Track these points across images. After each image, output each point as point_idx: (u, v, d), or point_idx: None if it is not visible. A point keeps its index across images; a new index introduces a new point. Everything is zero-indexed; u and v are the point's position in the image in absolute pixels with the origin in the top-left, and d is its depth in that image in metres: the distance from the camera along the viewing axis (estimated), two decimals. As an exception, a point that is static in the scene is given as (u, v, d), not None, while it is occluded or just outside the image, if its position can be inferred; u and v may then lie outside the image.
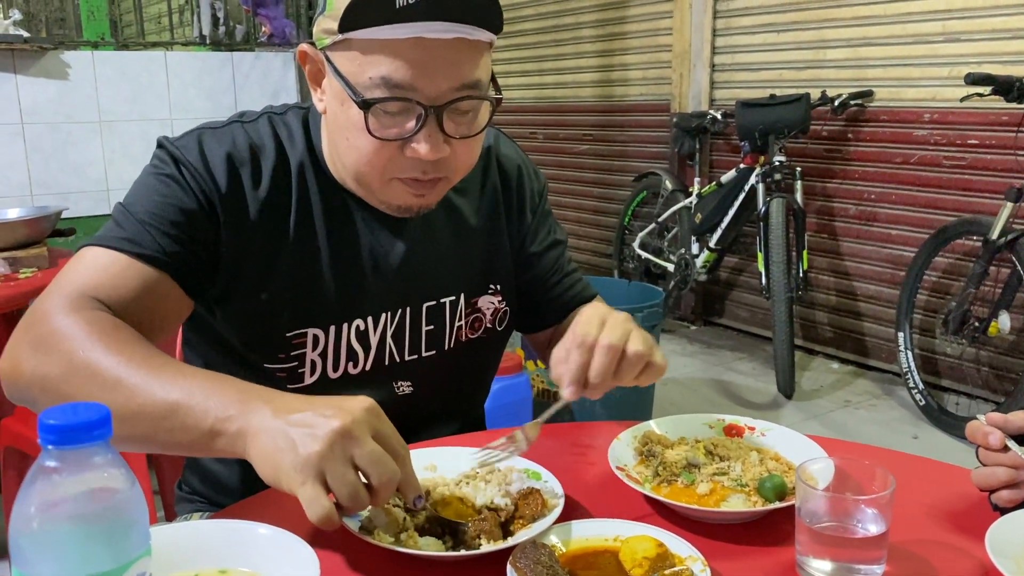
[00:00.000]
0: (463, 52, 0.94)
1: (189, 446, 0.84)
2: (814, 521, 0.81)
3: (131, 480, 0.53)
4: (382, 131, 0.96)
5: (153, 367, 0.86)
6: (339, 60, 0.96)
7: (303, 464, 0.75)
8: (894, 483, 0.80)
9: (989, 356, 3.43)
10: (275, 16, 3.99)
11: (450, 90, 0.95)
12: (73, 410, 0.52)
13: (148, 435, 0.84)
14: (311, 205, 1.07)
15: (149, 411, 0.83)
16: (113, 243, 0.97)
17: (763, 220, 3.67)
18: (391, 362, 1.13)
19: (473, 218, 1.19)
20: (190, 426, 0.82)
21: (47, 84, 3.52)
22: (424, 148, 0.96)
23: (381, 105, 0.94)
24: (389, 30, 0.91)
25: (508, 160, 1.24)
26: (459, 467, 0.98)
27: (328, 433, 0.75)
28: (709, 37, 4.43)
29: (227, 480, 1.17)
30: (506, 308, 1.22)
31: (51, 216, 2.54)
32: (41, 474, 0.52)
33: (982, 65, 3.29)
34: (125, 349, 0.87)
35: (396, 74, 0.92)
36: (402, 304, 1.13)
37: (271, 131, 1.08)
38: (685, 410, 3.55)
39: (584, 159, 5.36)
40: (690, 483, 0.96)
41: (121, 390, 0.84)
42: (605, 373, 0.93)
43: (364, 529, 0.85)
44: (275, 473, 0.77)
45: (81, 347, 0.87)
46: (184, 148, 1.03)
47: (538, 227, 1.26)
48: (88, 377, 0.86)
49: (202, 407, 0.81)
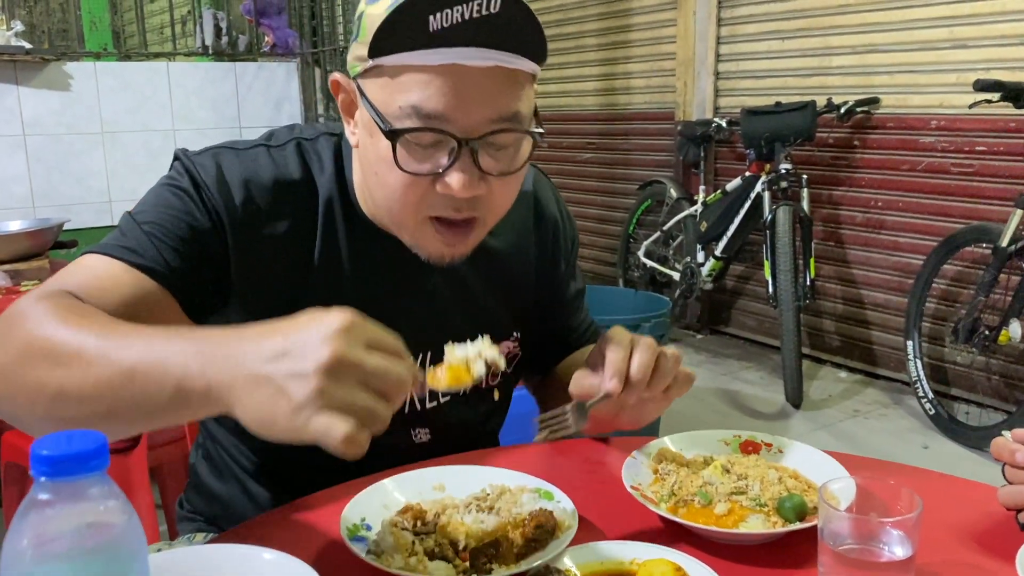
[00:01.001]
0: (501, 82, 0.87)
1: (162, 414, 0.73)
2: (838, 543, 0.78)
3: (129, 512, 0.50)
4: (412, 165, 0.89)
5: (110, 334, 0.76)
6: (369, 88, 0.90)
7: (301, 406, 0.65)
8: (921, 504, 0.77)
9: (1000, 365, 3.40)
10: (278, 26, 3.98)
11: (486, 122, 0.88)
12: (67, 439, 0.49)
13: (113, 410, 0.74)
14: (338, 242, 1.02)
15: (107, 382, 0.73)
16: (112, 251, 0.92)
17: (769, 228, 3.64)
18: (411, 411, 1.09)
19: (504, 263, 1.14)
20: (152, 392, 0.71)
21: (49, 95, 3.51)
22: (457, 183, 0.88)
23: (412, 137, 0.88)
24: (421, 55, 0.85)
25: (546, 208, 1.19)
26: (468, 487, 0.95)
27: (318, 368, 0.65)
28: (713, 45, 4.42)
29: (228, 501, 1.14)
30: (519, 353, 1.18)
31: (53, 228, 2.52)
32: (34, 507, 0.49)
33: (990, 71, 3.26)
34: (84, 323, 0.78)
35: (428, 103, 0.86)
36: (424, 349, 1.06)
37: (299, 159, 1.02)
38: (692, 420, 3.54)
39: (588, 167, 5.34)
40: (707, 503, 0.93)
41: (77, 364, 0.74)
42: (645, 367, 0.92)
43: (372, 553, 0.82)
44: (271, 428, 0.67)
45: (38, 327, 0.78)
46: (202, 165, 0.98)
47: (568, 277, 1.23)
48: (43, 356, 0.76)
49: (160, 368, 0.71)
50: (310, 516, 0.94)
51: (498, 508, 0.90)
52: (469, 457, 1.07)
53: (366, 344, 0.69)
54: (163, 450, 2.04)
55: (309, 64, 4.07)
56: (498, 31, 0.84)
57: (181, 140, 3.81)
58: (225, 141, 1.03)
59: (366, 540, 0.85)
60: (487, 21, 0.83)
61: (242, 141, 1.03)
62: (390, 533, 0.84)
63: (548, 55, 0.92)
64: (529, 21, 0.86)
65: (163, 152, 3.76)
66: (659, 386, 0.95)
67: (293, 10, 4.07)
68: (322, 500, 0.97)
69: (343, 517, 0.86)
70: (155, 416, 0.74)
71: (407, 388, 0.71)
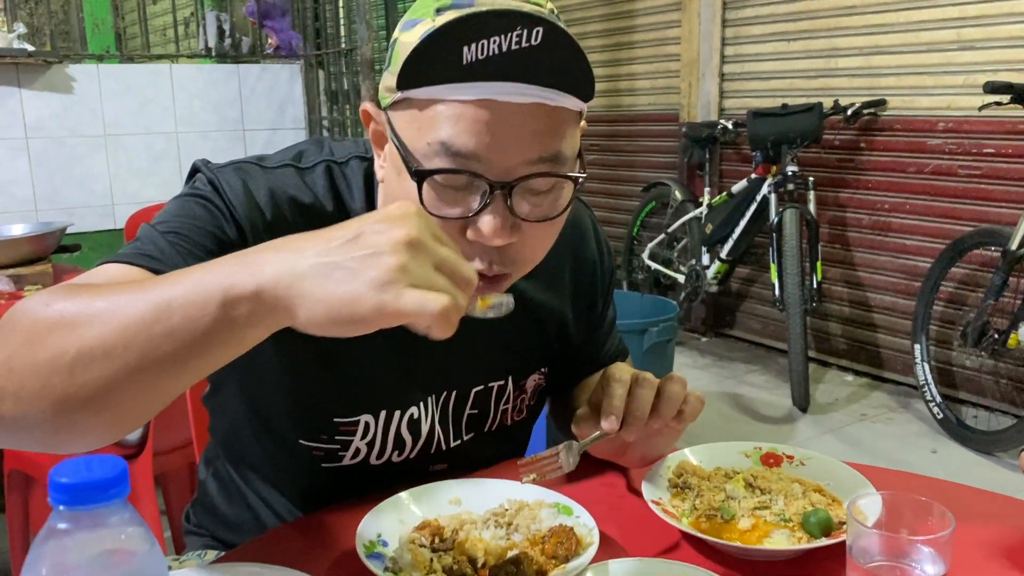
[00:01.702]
0: (541, 120, 0.79)
1: (202, 343, 0.64)
2: (867, 560, 0.76)
3: (150, 540, 0.48)
4: (440, 208, 0.80)
5: (141, 284, 0.68)
6: (398, 122, 0.83)
7: (388, 281, 0.60)
8: (953, 522, 0.75)
9: (1008, 368, 3.38)
10: (281, 28, 3.97)
11: (523, 164, 0.79)
12: (87, 466, 0.47)
13: (148, 355, 0.64)
14: None
15: (138, 321, 0.64)
16: (131, 258, 0.83)
17: (776, 231, 3.62)
18: (436, 450, 1.05)
19: (535, 300, 1.07)
20: (194, 316, 0.63)
21: (51, 98, 3.49)
22: (489, 230, 0.80)
23: (441, 178, 0.80)
24: (453, 89, 0.77)
25: (585, 249, 1.12)
26: (486, 503, 0.93)
27: (397, 245, 0.61)
28: (718, 46, 4.40)
29: (232, 519, 1.11)
30: (543, 382, 1.14)
31: (56, 232, 2.50)
32: (52, 536, 0.47)
33: (998, 73, 3.25)
34: (94, 289, 0.69)
35: (458, 140, 0.78)
36: (448, 388, 1.03)
37: (328, 183, 0.94)
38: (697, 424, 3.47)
39: (592, 169, 5.32)
40: (730, 518, 0.91)
41: (103, 316, 0.65)
42: (643, 404, 0.89)
43: (389, 571, 0.80)
44: (351, 309, 0.61)
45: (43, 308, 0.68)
46: (227, 181, 0.90)
47: (604, 313, 1.18)
48: (53, 327, 0.66)
49: (201, 287, 0.63)
50: (324, 532, 0.92)
51: (517, 524, 0.89)
52: (486, 472, 1.05)
53: (433, 235, 0.65)
54: (168, 457, 2.02)
55: (313, 66, 4.06)
56: (539, 65, 0.76)
57: (184, 143, 3.80)
58: (249, 156, 0.96)
59: (383, 557, 0.83)
60: (527, 54, 0.75)
61: (268, 158, 0.96)
62: (408, 550, 0.82)
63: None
64: (574, 54, 0.78)
65: (166, 155, 3.74)
66: (665, 416, 0.92)
67: (296, 12, 4.06)
68: (336, 515, 0.95)
69: (359, 533, 0.84)
70: (198, 352, 0.64)
71: (473, 286, 0.66)
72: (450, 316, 0.61)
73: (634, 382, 0.91)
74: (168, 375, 0.66)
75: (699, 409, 0.95)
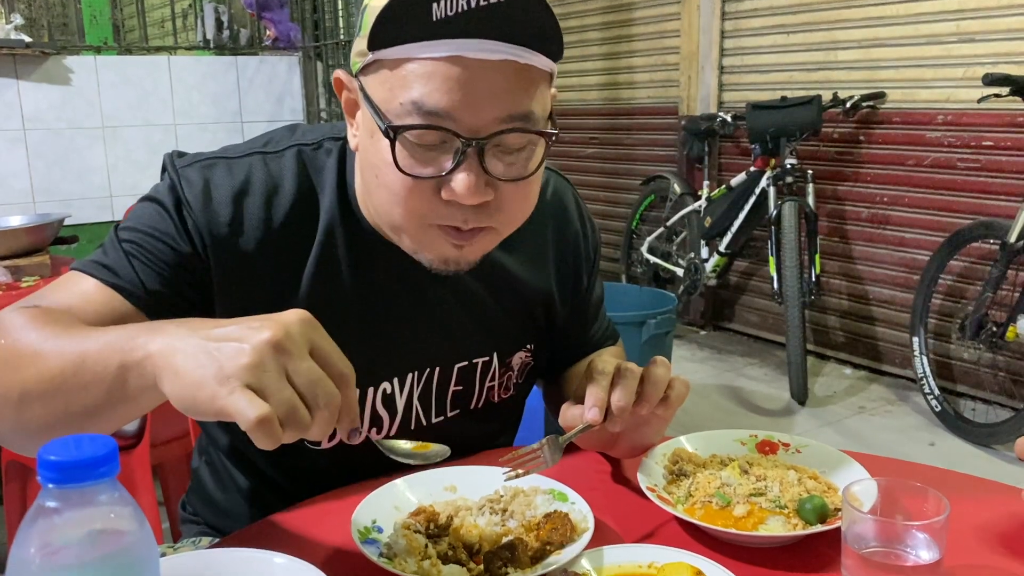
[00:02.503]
0: (511, 77, 0.80)
1: (107, 400, 0.71)
2: (862, 546, 0.76)
3: (140, 520, 0.48)
4: (414, 168, 0.82)
5: (71, 332, 0.76)
6: (370, 85, 0.84)
7: (229, 375, 0.63)
8: (948, 507, 0.75)
9: (1007, 361, 3.38)
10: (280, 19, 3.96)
11: (494, 121, 0.80)
12: (76, 444, 0.47)
13: (66, 404, 0.73)
14: (338, 257, 0.96)
15: (60, 375, 0.73)
16: (91, 268, 0.89)
17: (775, 224, 3.62)
18: (417, 426, 1.05)
19: (518, 276, 1.07)
20: (100, 373, 0.70)
21: (49, 90, 3.49)
22: (461, 187, 0.81)
23: (413, 135, 0.81)
24: (423, 47, 0.78)
25: (568, 222, 1.12)
26: (481, 489, 0.93)
27: (258, 344, 0.64)
28: (717, 39, 4.39)
29: (227, 506, 1.12)
30: (532, 361, 1.14)
31: (53, 224, 2.50)
32: (41, 515, 0.46)
33: (998, 65, 3.24)
34: (51, 327, 0.77)
35: (430, 99, 0.79)
36: (431, 364, 1.03)
37: (296, 167, 0.95)
38: (696, 417, 3.52)
39: (591, 163, 5.32)
40: (725, 504, 0.91)
41: (36, 364, 0.74)
42: (627, 394, 0.88)
43: (384, 557, 0.80)
44: (194, 393, 0.64)
45: (7, 335, 0.78)
46: (188, 180, 0.92)
47: (591, 288, 1.17)
48: (7, 362, 0.77)
49: (110, 347, 0.70)
50: (319, 517, 0.92)
51: (512, 510, 0.89)
52: (480, 458, 1.05)
53: (311, 347, 0.67)
54: (165, 448, 2.03)
55: (311, 58, 4.05)
56: (509, 22, 0.78)
57: (182, 135, 3.79)
58: (220, 148, 0.98)
59: (378, 543, 0.83)
60: (496, 10, 0.77)
61: (237, 147, 0.98)
62: (402, 536, 0.82)
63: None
64: (544, 13, 0.79)
65: (164, 147, 3.74)
66: (651, 401, 0.91)
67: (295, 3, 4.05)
68: (331, 501, 0.95)
69: (354, 519, 0.84)
70: (100, 405, 0.72)
71: (335, 411, 0.67)
72: (271, 427, 0.62)
73: (617, 372, 0.90)
74: (93, 419, 0.74)
75: (685, 393, 0.94)
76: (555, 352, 1.17)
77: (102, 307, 0.87)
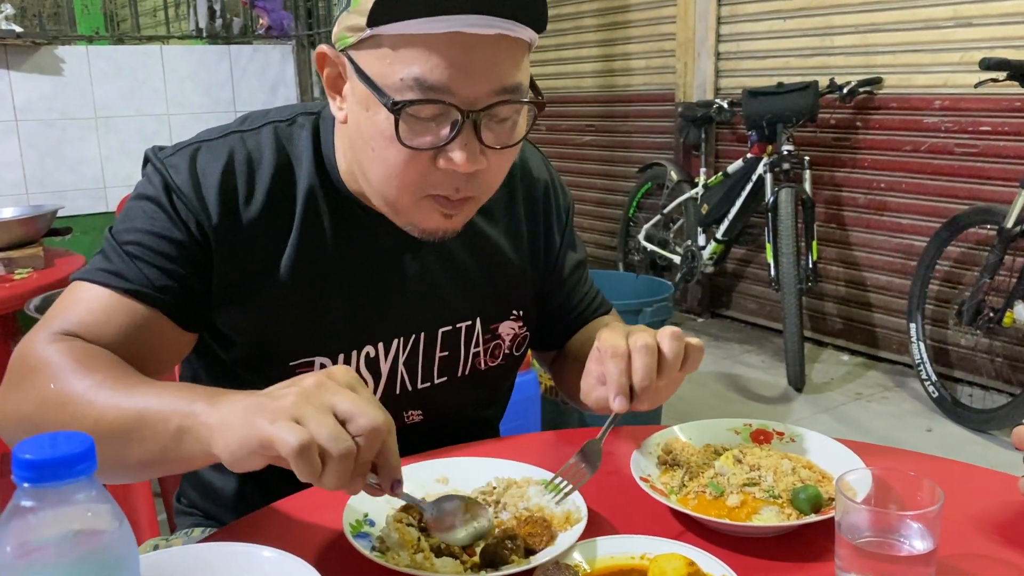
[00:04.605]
0: (504, 51, 0.84)
1: (162, 456, 0.77)
2: (856, 536, 0.76)
3: (118, 518, 0.47)
4: (413, 139, 0.85)
5: (122, 385, 0.81)
6: (365, 60, 0.86)
7: (273, 413, 0.68)
8: (942, 497, 0.75)
9: (1004, 347, 3.38)
10: (273, 8, 3.93)
11: (489, 93, 0.85)
12: (52, 442, 0.46)
13: (121, 455, 0.78)
14: (320, 225, 0.99)
15: (117, 428, 0.78)
16: (99, 277, 0.91)
17: (772, 210, 3.61)
18: (403, 391, 1.06)
19: (496, 241, 1.11)
20: (159, 432, 0.75)
21: (41, 80, 3.46)
22: (460, 157, 0.85)
23: (413, 110, 0.84)
24: (424, 24, 0.81)
25: (535, 179, 1.15)
26: (472, 481, 0.92)
27: (302, 387, 0.70)
28: (714, 25, 4.36)
29: (223, 492, 1.11)
30: (526, 333, 1.15)
31: (46, 215, 2.49)
32: (16, 515, 0.46)
33: (995, 50, 3.22)
34: (96, 373, 0.82)
35: (432, 74, 0.82)
36: (416, 329, 1.05)
37: (274, 143, 0.99)
38: (693, 404, 3.52)
39: (587, 150, 5.30)
40: (719, 494, 0.90)
41: (90, 414, 0.79)
42: (649, 373, 0.88)
43: (377, 550, 0.80)
44: (240, 436, 0.69)
45: (54, 379, 0.82)
46: (175, 169, 0.94)
47: (566, 250, 1.19)
48: (59, 406, 0.81)
49: (169, 408, 0.76)
50: (310, 511, 0.91)
51: (505, 502, 0.88)
52: (471, 449, 1.05)
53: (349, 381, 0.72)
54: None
55: (305, 47, 4.02)
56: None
57: (176, 125, 3.77)
58: (197, 134, 1.00)
59: (370, 536, 0.82)
60: None
61: (214, 129, 1.00)
62: (395, 529, 0.81)
63: (544, 35, 0.90)
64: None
65: (157, 138, 3.72)
66: (671, 374, 0.91)
67: (288, -8, 4.02)
68: (321, 494, 0.94)
69: (346, 513, 0.84)
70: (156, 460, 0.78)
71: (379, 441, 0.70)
72: (310, 455, 0.66)
73: (633, 352, 0.89)
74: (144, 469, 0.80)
75: (700, 357, 0.94)
76: (546, 323, 1.18)
77: (122, 316, 0.90)
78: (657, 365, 0.89)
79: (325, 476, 0.68)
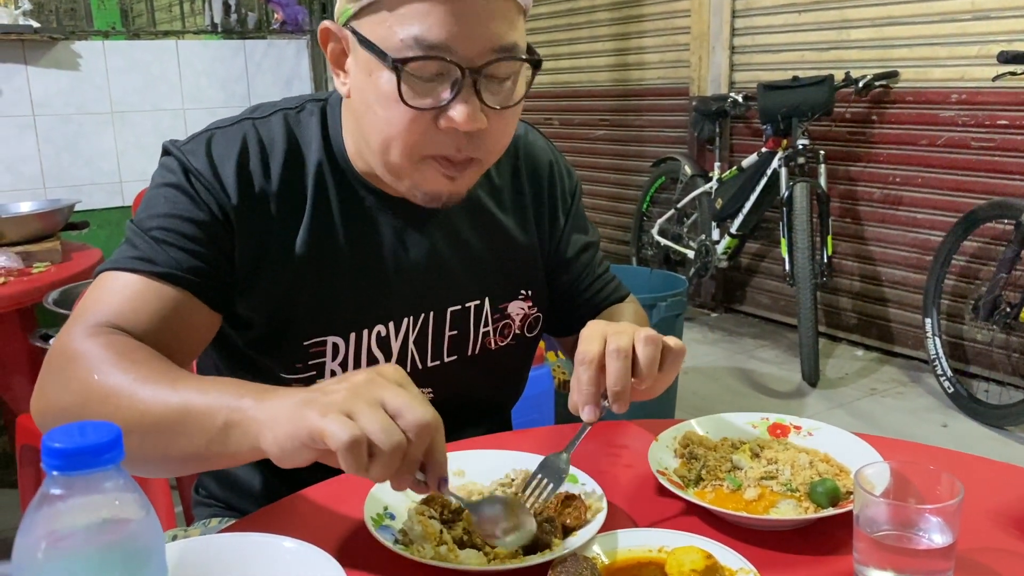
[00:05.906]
0: (499, 10, 0.87)
1: (207, 450, 0.78)
2: (874, 530, 0.76)
3: (146, 507, 0.48)
4: (416, 99, 0.88)
5: (166, 379, 0.82)
6: (366, 27, 0.89)
7: (323, 406, 0.69)
8: (962, 491, 0.74)
9: (1020, 342, 3.35)
10: (287, 3, 3.94)
11: (487, 51, 0.87)
12: (80, 431, 0.47)
13: (165, 448, 0.80)
14: (330, 206, 1.02)
15: (162, 421, 0.79)
16: (127, 264, 0.92)
17: (786, 205, 3.59)
18: (413, 369, 1.08)
19: (502, 220, 1.12)
20: (205, 426, 0.77)
21: (58, 75, 3.48)
22: (460, 114, 0.87)
23: (414, 69, 0.86)
24: None
25: (539, 159, 1.17)
26: (490, 473, 0.93)
27: (351, 383, 0.72)
28: (728, 18, 4.34)
29: (245, 483, 1.12)
30: (537, 314, 1.16)
31: (64, 209, 2.51)
32: (46, 502, 0.46)
33: (1013, 43, 3.19)
34: (139, 367, 0.83)
35: (430, 33, 0.85)
36: (426, 309, 1.07)
37: (284, 129, 1.02)
38: (707, 399, 3.51)
39: (600, 144, 5.29)
40: (736, 488, 0.90)
41: (135, 407, 0.80)
42: (621, 378, 0.86)
43: (400, 543, 0.80)
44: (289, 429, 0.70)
45: (96, 371, 0.83)
46: (192, 154, 0.97)
47: (572, 230, 1.20)
48: (102, 400, 0.82)
49: (216, 402, 0.77)
50: (330, 502, 0.92)
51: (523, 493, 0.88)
52: (486, 441, 1.05)
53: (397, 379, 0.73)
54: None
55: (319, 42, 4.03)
56: None
57: (191, 120, 3.78)
58: (211, 123, 1.03)
59: (392, 529, 0.83)
60: None
61: (227, 118, 1.03)
62: (418, 522, 0.82)
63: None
64: None
65: (173, 132, 3.73)
66: (648, 379, 0.89)
67: (302, -13, 4.02)
68: (341, 485, 0.94)
69: (367, 505, 0.84)
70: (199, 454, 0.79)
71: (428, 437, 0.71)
72: (357, 449, 0.67)
73: (607, 356, 0.88)
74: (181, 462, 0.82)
75: (681, 356, 0.92)
76: (558, 305, 1.19)
77: (155, 302, 0.91)
78: (632, 369, 0.87)
79: (373, 468, 0.69)
